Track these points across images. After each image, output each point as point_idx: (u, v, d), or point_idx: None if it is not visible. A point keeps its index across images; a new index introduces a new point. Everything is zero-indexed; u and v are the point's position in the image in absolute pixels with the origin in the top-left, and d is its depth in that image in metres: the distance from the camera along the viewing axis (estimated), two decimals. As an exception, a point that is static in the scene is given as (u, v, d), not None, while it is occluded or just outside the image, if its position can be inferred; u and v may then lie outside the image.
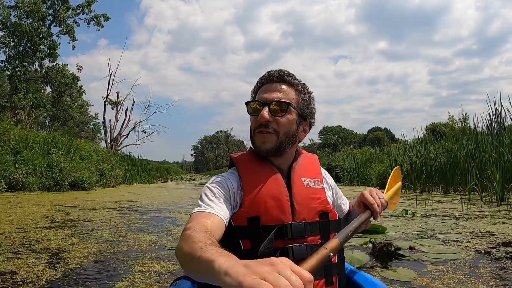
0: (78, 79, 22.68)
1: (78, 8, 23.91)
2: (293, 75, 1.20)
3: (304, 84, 1.22)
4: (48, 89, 23.10)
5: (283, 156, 1.18)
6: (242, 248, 1.07)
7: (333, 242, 0.84)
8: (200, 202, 1.06)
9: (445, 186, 9.73)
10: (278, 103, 1.14)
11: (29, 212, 4.92)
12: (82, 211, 5.42)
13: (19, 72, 20.86)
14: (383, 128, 63.63)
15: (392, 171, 1.52)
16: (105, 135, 27.78)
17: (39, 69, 21.25)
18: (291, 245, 1.08)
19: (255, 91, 1.22)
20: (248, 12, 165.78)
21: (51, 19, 22.85)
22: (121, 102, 28.94)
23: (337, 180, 17.28)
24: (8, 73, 21.71)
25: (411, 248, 2.89)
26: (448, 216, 4.88)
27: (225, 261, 0.61)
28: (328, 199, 1.21)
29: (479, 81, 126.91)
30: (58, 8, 22.74)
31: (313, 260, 0.72)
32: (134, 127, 29.25)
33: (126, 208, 6.09)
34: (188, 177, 34.65)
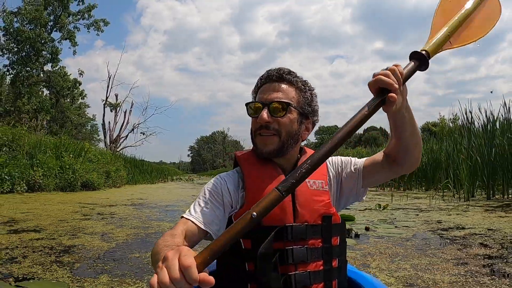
0: (80, 83, 23.59)
1: (79, 13, 24.84)
2: (293, 73, 1.20)
3: (305, 81, 1.21)
4: (46, 91, 23.86)
5: (285, 156, 1.18)
6: (243, 247, 1.08)
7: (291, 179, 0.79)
8: (193, 204, 1.12)
9: (426, 184, 10.72)
10: (278, 103, 1.14)
11: (60, 209, 5.85)
12: (103, 207, 6.37)
13: (22, 77, 21.75)
14: (378, 127, 64.81)
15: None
16: (105, 137, 28.63)
17: (42, 74, 22.11)
18: (291, 247, 1.07)
19: (255, 92, 1.22)
20: (244, 12, 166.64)
21: (52, 24, 23.76)
22: (120, 104, 29.87)
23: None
24: (11, 77, 22.60)
25: (367, 229, 3.86)
26: (414, 209, 5.84)
27: (159, 258, 0.72)
28: (332, 201, 1.19)
29: (475, 80, 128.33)
30: (59, 14, 23.65)
31: (265, 202, 0.76)
32: (132, 129, 30.17)
33: (140, 205, 7.02)
34: (186, 177, 35.51)
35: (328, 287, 1.11)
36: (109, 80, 28.47)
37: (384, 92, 0.87)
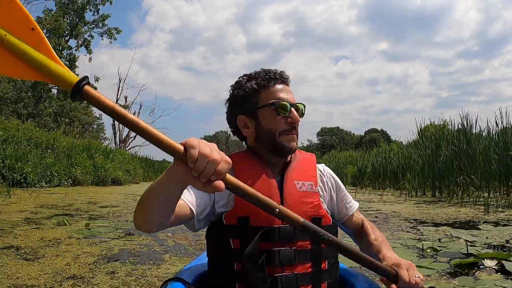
0: (96, 88, 25.89)
1: (94, 23, 27.20)
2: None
3: None
4: (55, 90, 25.98)
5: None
6: (232, 247, 1.10)
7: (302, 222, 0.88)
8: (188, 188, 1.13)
9: (396, 184, 13.06)
10: (301, 105, 1.23)
11: (113, 196, 8.23)
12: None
13: (43, 82, 23.99)
14: (379, 129, 66.77)
15: None
16: (115, 137, 31.07)
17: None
18: (278, 249, 1.08)
19: (259, 89, 1.22)
20: (250, 12, 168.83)
21: (69, 33, 26.05)
22: (129, 106, 32.26)
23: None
24: (32, 82, 24.89)
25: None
26: (367, 202, 8.16)
27: (166, 172, 0.84)
28: (322, 203, 1.21)
29: (479, 82, 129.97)
30: (76, 24, 25.96)
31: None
32: (141, 130, 32.59)
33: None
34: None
35: None
36: (120, 83, 31.02)
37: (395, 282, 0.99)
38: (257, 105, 1.21)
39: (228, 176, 0.76)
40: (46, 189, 9.40)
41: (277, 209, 0.84)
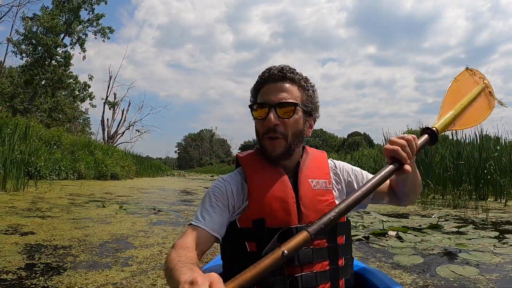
0: (89, 86, 27.11)
1: (88, 21, 28.22)
2: (295, 70, 1.20)
3: (306, 78, 1.22)
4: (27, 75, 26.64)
5: (291, 156, 1.19)
6: (248, 250, 1.10)
7: (320, 222, 0.93)
8: (197, 212, 1.15)
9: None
10: (285, 104, 1.15)
11: (120, 189, 9.62)
12: (145, 189, 10.25)
13: (38, 79, 25.01)
14: (362, 133, 68.75)
15: (450, 84, 1.35)
16: (103, 133, 32.15)
17: (56, 76, 25.41)
18: None
19: (256, 91, 1.22)
20: (239, 11, 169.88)
21: (64, 31, 27.01)
22: (118, 103, 33.36)
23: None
24: (25, 78, 25.77)
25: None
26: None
27: (182, 278, 0.82)
28: (337, 200, 1.20)
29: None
30: (71, 22, 26.94)
31: (293, 243, 0.86)
32: (129, 127, 33.81)
33: (164, 189, 10.88)
34: (176, 173, 39.26)
35: (335, 286, 1.14)
36: (110, 81, 32.10)
37: (398, 161, 1.05)
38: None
39: None
40: (57, 181, 10.70)
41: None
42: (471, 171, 10.04)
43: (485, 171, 9.59)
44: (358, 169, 1.33)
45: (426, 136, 1.16)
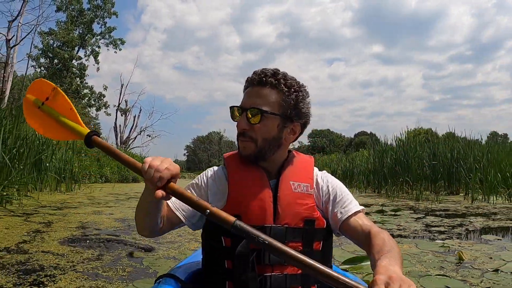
0: (104, 96, 29.37)
1: (101, 34, 30.42)
2: (278, 74, 1.20)
3: (291, 82, 1.21)
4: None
5: (267, 160, 1.22)
6: (224, 245, 1.13)
7: None
8: None
9: (364, 184, 16.62)
10: (253, 110, 1.17)
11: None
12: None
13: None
14: (369, 132, 70.24)
15: None
16: (116, 138, 34.37)
17: (73, 86, 27.67)
18: None
19: (244, 93, 1.25)
20: (244, 12, 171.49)
21: (79, 44, 29.20)
22: (129, 109, 35.55)
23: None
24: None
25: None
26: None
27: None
28: (317, 206, 1.20)
29: (471, 86, 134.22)
30: (85, 36, 29.10)
31: None
32: (140, 132, 36.00)
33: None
34: (187, 175, 41.34)
35: None
36: (122, 88, 34.31)
37: None
38: None
39: (171, 184, 0.97)
40: (89, 184, 12.76)
41: (208, 210, 0.94)
42: (445, 170, 11.94)
43: (455, 170, 11.53)
44: (340, 187, 1.26)
45: None
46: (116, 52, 31.32)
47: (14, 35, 22.93)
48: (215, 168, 1.31)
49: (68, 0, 27.49)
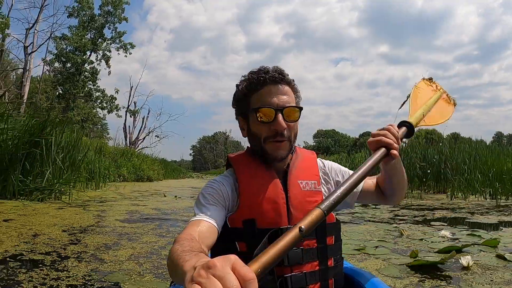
0: (115, 99, 30.95)
1: (111, 39, 31.88)
2: (284, 70, 1.24)
3: (293, 80, 1.27)
4: (60, 90, 29.98)
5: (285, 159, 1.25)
6: (238, 250, 1.13)
7: (315, 212, 0.85)
8: (195, 209, 1.16)
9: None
10: (293, 109, 1.20)
11: (163, 188, 13.10)
12: (177, 187, 13.69)
13: (69, 93, 28.77)
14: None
15: (412, 89, 1.57)
16: (125, 139, 35.85)
17: (85, 89, 29.27)
18: None
19: (250, 92, 1.24)
20: (250, 12, 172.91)
21: (91, 48, 30.69)
22: (138, 111, 37.04)
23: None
24: (58, 93, 29.56)
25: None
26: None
27: (188, 264, 0.69)
28: None
29: (478, 86, 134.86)
30: (97, 41, 30.59)
31: (283, 242, 0.74)
32: (149, 133, 37.49)
33: (197, 188, 14.25)
34: (194, 175, 43.00)
35: (325, 287, 1.18)
36: (131, 91, 35.81)
37: (385, 148, 1.14)
38: (248, 109, 1.25)
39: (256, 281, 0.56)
40: (109, 183, 14.20)
41: (302, 227, 0.79)
42: (433, 170, 13.26)
43: (442, 170, 12.84)
44: (346, 169, 1.37)
45: (404, 128, 1.29)
46: (126, 56, 32.72)
47: (31, 42, 24.50)
48: (221, 178, 1.27)
49: (79, 6, 29.00)
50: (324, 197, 1.14)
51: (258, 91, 1.22)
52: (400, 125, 1.31)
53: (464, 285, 2.38)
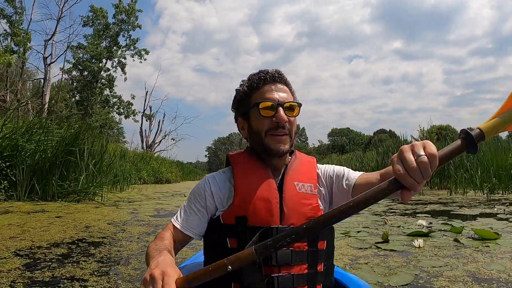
0: (132, 104, 32.21)
1: (126, 46, 33.04)
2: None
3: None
4: (78, 97, 31.23)
5: (286, 155, 1.30)
6: (229, 246, 1.17)
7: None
8: (180, 210, 1.31)
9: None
10: (292, 103, 1.27)
11: (181, 190, 14.08)
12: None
13: (87, 100, 30.04)
14: (388, 130, 71.16)
15: None
16: (142, 142, 37.08)
17: (103, 96, 30.57)
18: None
19: (251, 90, 1.31)
20: (262, 13, 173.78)
21: (106, 56, 31.90)
22: (154, 115, 38.22)
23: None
24: (76, 100, 30.83)
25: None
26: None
27: (153, 262, 0.96)
28: (321, 206, 1.27)
29: (493, 79, 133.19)
30: (112, 49, 31.76)
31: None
32: (165, 136, 38.67)
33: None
34: (210, 177, 44.29)
35: None
36: (146, 95, 37.03)
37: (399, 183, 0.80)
38: (248, 107, 1.30)
39: (177, 280, 0.87)
40: (132, 186, 15.23)
41: (229, 267, 0.88)
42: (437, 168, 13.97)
43: (446, 167, 13.56)
44: (341, 168, 1.33)
45: (458, 142, 0.83)
46: (141, 62, 33.84)
47: (50, 53, 25.81)
48: (214, 174, 1.34)
49: (94, 15, 30.23)
50: (319, 202, 1.27)
51: (259, 89, 1.29)
52: (461, 134, 0.85)
53: (411, 256, 3.18)
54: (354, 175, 1.29)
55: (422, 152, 0.79)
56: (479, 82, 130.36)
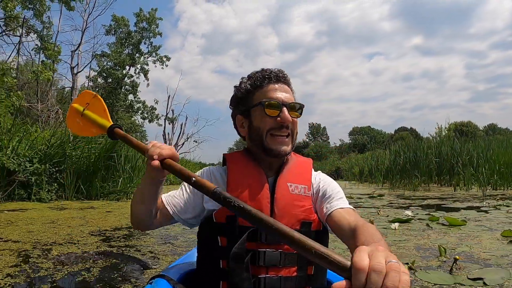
0: (155, 109, 33.69)
1: (148, 53, 34.39)
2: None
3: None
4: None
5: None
6: (220, 244, 1.18)
7: None
8: (179, 189, 1.36)
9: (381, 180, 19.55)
10: (297, 104, 1.27)
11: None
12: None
13: (112, 106, 31.48)
14: (409, 127, 71.12)
15: None
16: (165, 145, 38.34)
17: (127, 102, 32.15)
18: (264, 249, 1.15)
19: (254, 89, 1.30)
20: (281, 13, 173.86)
21: (130, 63, 33.29)
22: (176, 118, 39.54)
23: (340, 177, 27.62)
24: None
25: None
26: (349, 189, 14.89)
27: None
28: (314, 209, 1.26)
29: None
30: (134, 56, 33.13)
31: None
32: (187, 138, 39.89)
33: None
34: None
35: None
36: (169, 99, 38.37)
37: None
38: (250, 105, 1.29)
39: (169, 160, 1.07)
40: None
41: (193, 178, 0.99)
42: (446, 165, 14.77)
43: (454, 165, 14.36)
44: (333, 188, 1.29)
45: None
46: (163, 68, 35.12)
47: (77, 63, 27.36)
48: (211, 168, 1.37)
49: (116, 24, 31.69)
50: (312, 203, 1.27)
51: (262, 88, 1.29)
52: None
53: (385, 231, 4.24)
54: (335, 204, 1.22)
55: (390, 259, 0.63)
56: (501, 76, 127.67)
